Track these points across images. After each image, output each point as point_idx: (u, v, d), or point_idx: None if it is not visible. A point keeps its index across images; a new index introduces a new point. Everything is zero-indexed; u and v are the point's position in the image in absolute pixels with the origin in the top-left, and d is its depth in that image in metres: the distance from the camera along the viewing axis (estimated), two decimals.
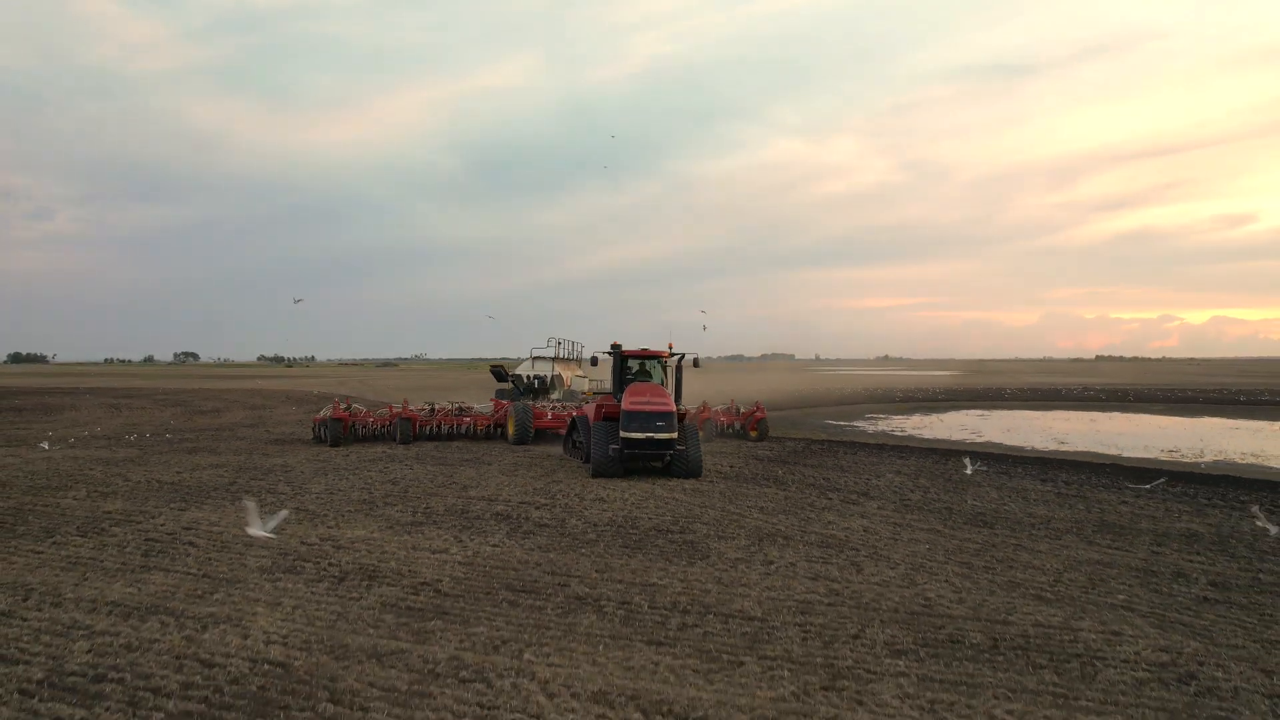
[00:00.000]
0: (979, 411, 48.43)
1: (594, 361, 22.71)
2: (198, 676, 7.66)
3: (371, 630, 8.94)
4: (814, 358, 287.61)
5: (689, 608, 9.73)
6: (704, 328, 31.53)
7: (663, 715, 6.88)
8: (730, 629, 9.00)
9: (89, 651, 8.29)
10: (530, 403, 29.31)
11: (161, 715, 6.86)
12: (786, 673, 7.78)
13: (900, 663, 8.00)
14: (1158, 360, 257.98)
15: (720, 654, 8.26)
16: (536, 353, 36.29)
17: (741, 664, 8.01)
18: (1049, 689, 7.40)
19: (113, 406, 47.03)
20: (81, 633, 8.83)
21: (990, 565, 11.75)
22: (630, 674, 7.74)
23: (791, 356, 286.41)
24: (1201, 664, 8.04)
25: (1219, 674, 7.79)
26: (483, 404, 30.77)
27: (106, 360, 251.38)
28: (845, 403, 55.31)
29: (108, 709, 6.98)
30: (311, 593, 10.27)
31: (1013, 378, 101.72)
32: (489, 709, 6.99)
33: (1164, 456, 26.57)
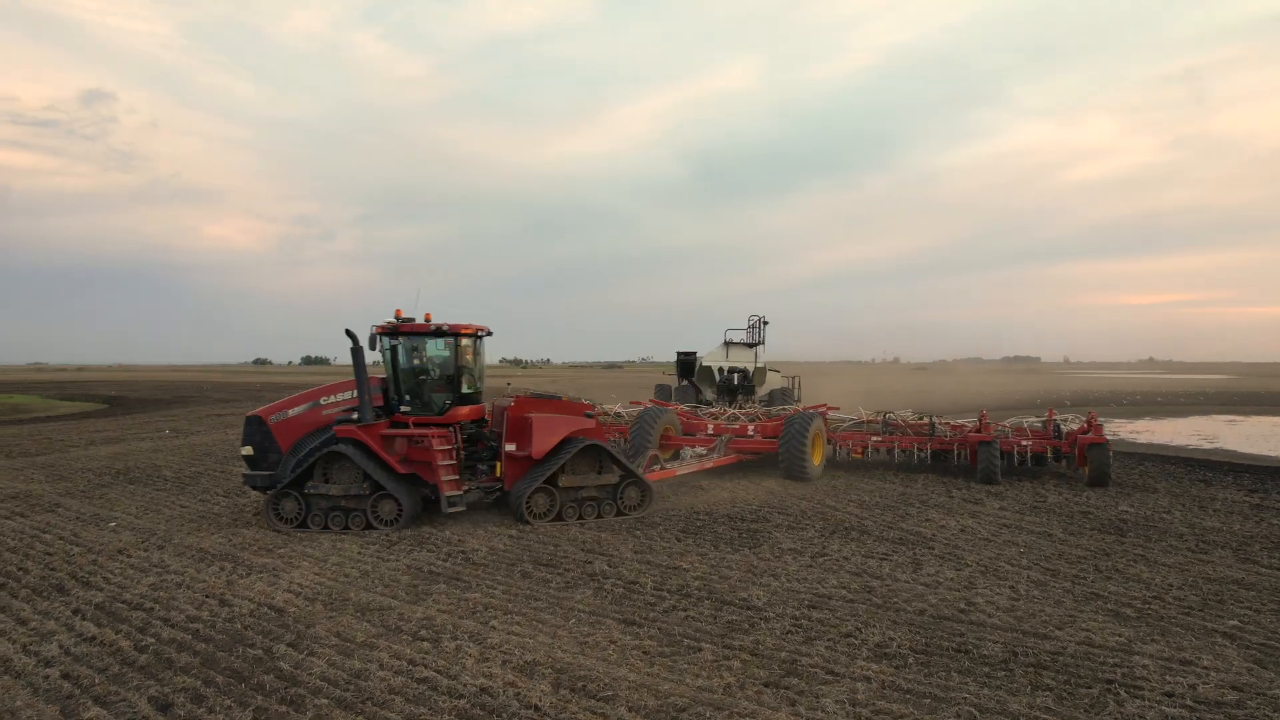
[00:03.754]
0: (1230, 417, 40.81)
1: (373, 344, 13.07)
2: (206, 612, 8.53)
3: (380, 589, 9.41)
4: (1063, 360, 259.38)
5: (693, 592, 9.20)
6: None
7: (570, 690, 6.58)
8: (717, 616, 8.37)
9: (150, 585, 9.53)
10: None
11: (154, 641, 7.72)
12: (738, 664, 7.10)
13: (874, 667, 6.99)
14: None
15: (684, 639, 7.72)
16: (731, 335, 26.48)
17: (699, 650, 7.43)
18: (1035, 713, 6.08)
19: None
20: (156, 570, 10.17)
21: (1081, 574, 9.88)
22: (578, 649, 7.48)
23: (1037, 359, 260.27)
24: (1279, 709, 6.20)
25: None
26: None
27: (375, 363, 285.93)
28: (1068, 404, 49.26)
29: (119, 631, 7.98)
30: (360, 553, 11.01)
31: None
32: (413, 664, 7.10)
33: None
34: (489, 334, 14.05)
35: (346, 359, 13.49)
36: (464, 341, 13.41)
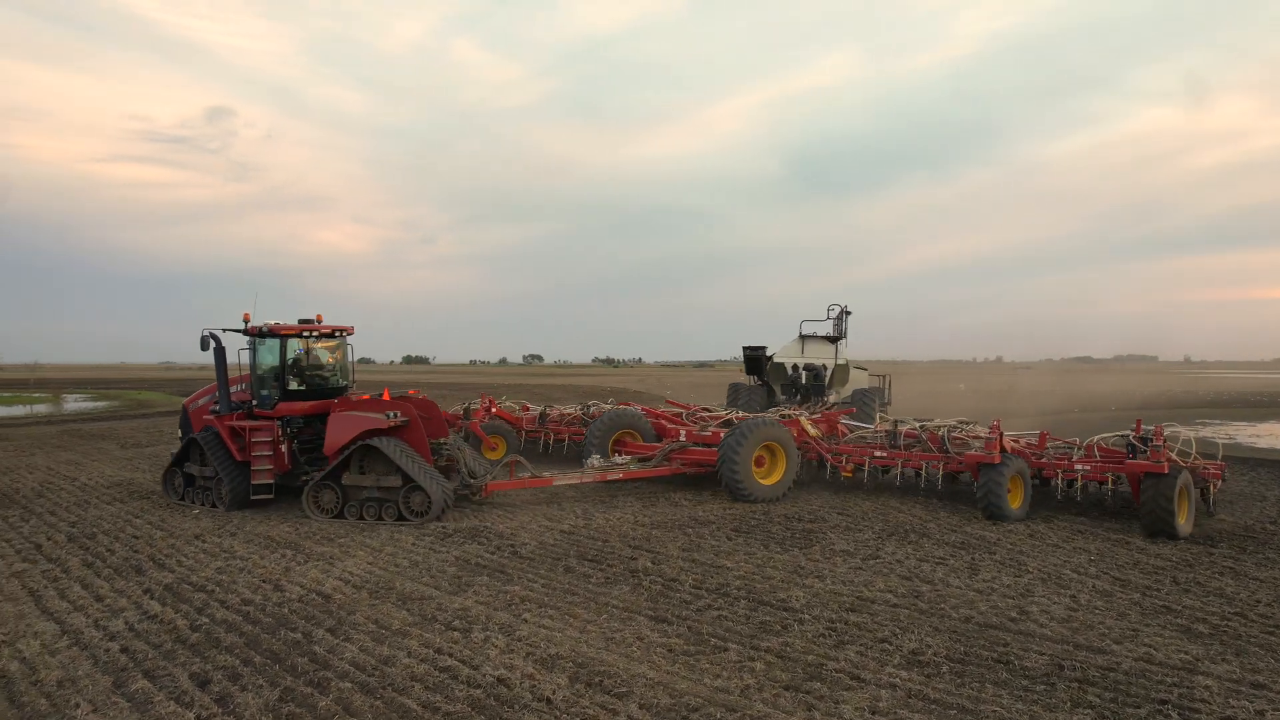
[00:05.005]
0: None
1: (204, 345, 14.02)
2: (260, 596, 8.96)
3: (426, 579, 9.66)
4: (1182, 359, 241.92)
5: (732, 592, 9.04)
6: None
7: (585, 684, 6.56)
8: (750, 617, 8.19)
9: (216, 569, 10.09)
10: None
11: (208, 621, 8.16)
12: (761, 666, 6.92)
13: (904, 674, 6.68)
14: None
15: (712, 638, 7.59)
16: (808, 328, 24.63)
17: (725, 650, 7.29)
18: None
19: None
20: (225, 555, 10.76)
21: (1155, 586, 9.16)
22: (604, 645, 7.46)
23: (1154, 358, 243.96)
24: None
25: None
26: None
27: (470, 362, 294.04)
28: (1173, 406, 45.98)
29: (179, 611, 8.48)
30: (414, 544, 11.33)
31: None
32: (439, 653, 7.24)
33: None
34: (334, 333, 14.73)
35: (446, 358, 14.37)
36: (290, 341, 14.13)
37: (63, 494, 15.65)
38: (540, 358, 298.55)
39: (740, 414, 18.12)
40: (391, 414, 13.26)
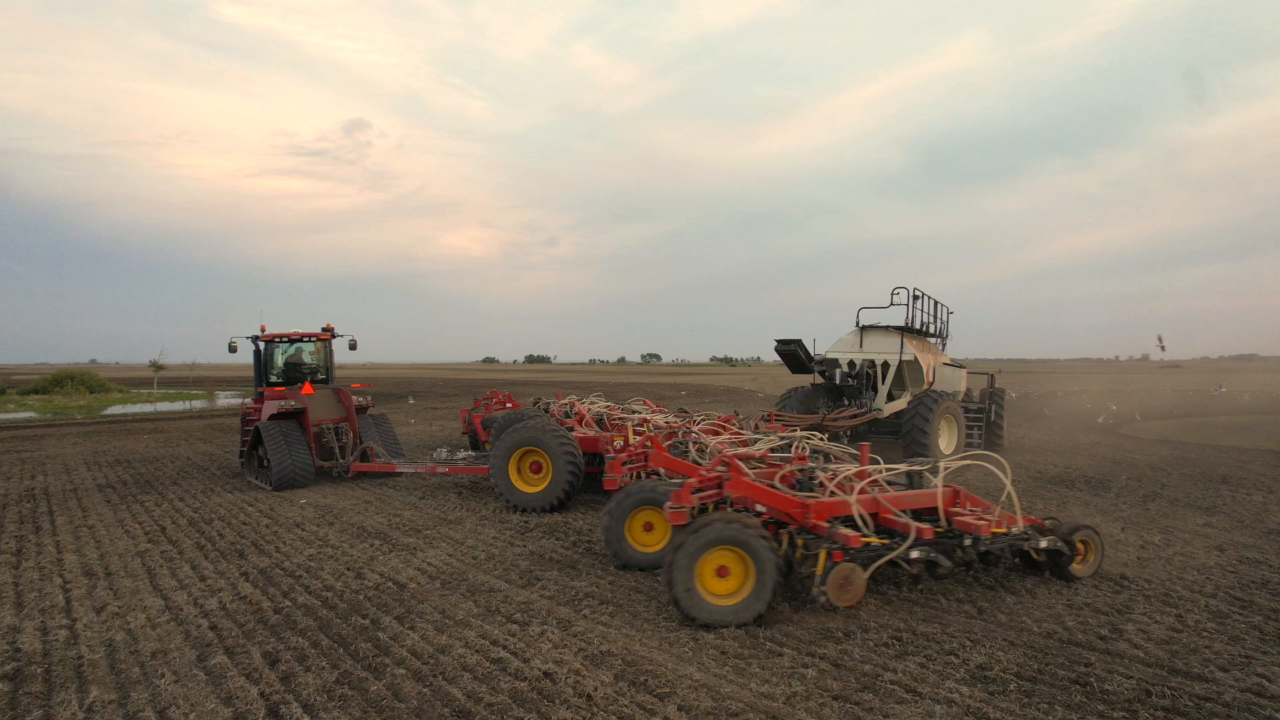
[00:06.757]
0: None
1: (230, 349, 18.02)
2: (340, 582, 9.42)
3: (499, 571, 9.88)
4: None
5: (798, 595, 8.73)
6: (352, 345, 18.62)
7: (629, 683, 6.51)
8: (809, 626, 7.88)
9: (308, 556, 10.71)
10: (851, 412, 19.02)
11: (290, 604, 8.66)
12: (814, 673, 6.64)
13: (964, 690, 6.24)
14: None
15: (768, 642, 7.36)
16: (869, 319, 20.77)
17: (780, 655, 7.05)
18: None
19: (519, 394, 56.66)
20: (318, 543, 11.40)
21: None
22: (657, 644, 7.39)
23: None
24: None
25: None
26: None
27: (590, 361, 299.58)
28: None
29: (267, 594, 9.04)
30: (495, 537, 11.63)
31: None
32: (493, 644, 7.38)
33: None
34: (305, 338, 18.18)
35: (566, 358, 15.48)
36: (271, 345, 18.03)
37: (193, 482, 17.05)
38: (658, 357, 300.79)
39: (736, 423, 15.76)
40: (283, 403, 16.60)
